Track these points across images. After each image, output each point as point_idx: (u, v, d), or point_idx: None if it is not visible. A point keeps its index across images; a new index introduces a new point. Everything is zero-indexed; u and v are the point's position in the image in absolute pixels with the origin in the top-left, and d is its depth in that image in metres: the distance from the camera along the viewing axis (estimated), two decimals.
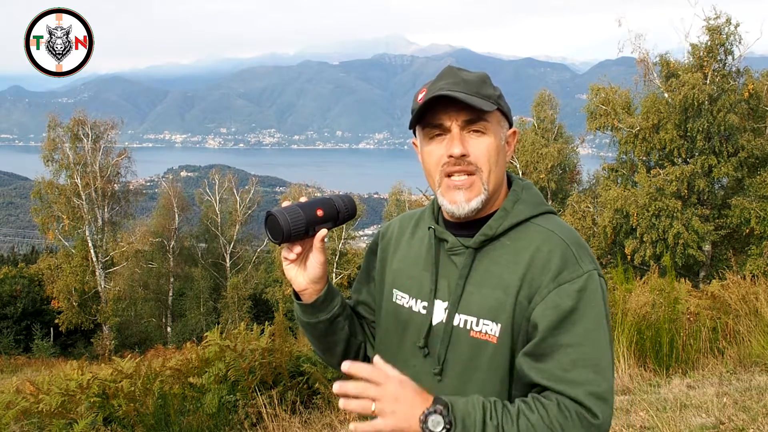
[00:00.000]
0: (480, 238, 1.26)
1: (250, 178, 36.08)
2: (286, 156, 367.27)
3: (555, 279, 1.18)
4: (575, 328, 1.15)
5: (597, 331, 1.16)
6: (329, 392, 4.34)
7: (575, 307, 1.16)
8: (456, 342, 1.25)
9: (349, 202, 1.35)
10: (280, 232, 1.24)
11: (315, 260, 1.32)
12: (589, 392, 1.12)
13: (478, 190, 1.24)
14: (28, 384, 5.00)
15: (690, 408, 3.95)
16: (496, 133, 1.26)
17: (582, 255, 1.21)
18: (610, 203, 19.12)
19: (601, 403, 1.12)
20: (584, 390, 1.12)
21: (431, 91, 1.23)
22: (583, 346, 1.15)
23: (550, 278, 1.18)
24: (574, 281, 1.17)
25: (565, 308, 1.16)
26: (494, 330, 1.21)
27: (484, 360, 1.22)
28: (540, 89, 29.67)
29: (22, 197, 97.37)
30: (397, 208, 30.64)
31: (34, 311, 26.21)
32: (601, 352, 1.15)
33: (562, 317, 1.16)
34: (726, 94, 18.48)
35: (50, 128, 26.71)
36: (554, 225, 1.26)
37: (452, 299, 1.26)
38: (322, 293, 1.36)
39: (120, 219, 28.18)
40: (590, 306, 1.17)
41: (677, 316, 5.12)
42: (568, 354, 1.14)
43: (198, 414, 4.03)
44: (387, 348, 1.38)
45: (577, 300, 1.16)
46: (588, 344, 1.15)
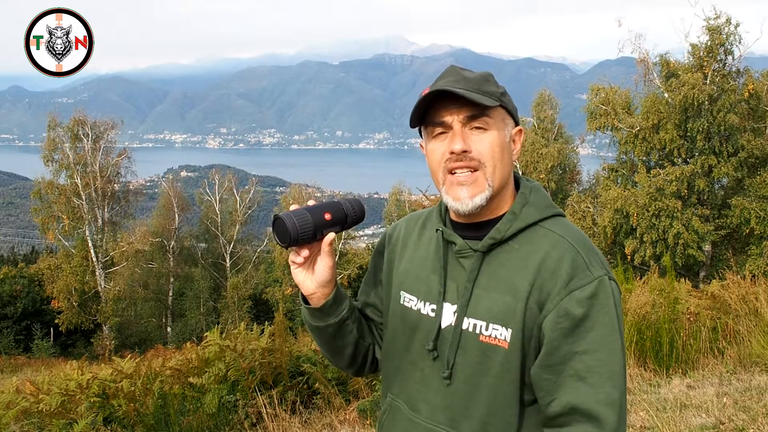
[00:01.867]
0: (488, 242, 1.25)
1: (250, 178, 36.01)
2: (286, 156, 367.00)
3: (566, 286, 1.17)
4: (589, 335, 1.15)
5: (610, 337, 1.16)
6: (329, 392, 4.34)
7: (587, 314, 1.15)
8: (465, 346, 1.24)
9: (357, 206, 1.35)
10: (287, 236, 1.23)
11: (323, 264, 1.31)
12: (603, 401, 1.13)
13: (482, 186, 1.23)
14: (28, 384, 5.00)
15: (690, 408, 3.95)
16: (500, 130, 1.25)
17: (592, 260, 1.20)
18: (610, 203, 19.11)
19: (615, 410, 1.13)
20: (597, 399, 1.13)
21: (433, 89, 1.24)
22: (598, 352, 1.15)
23: (561, 285, 1.17)
24: (584, 288, 1.17)
25: (578, 316, 1.15)
26: (505, 335, 1.20)
27: (495, 365, 1.21)
28: (540, 89, 29.64)
29: (22, 197, 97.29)
30: (397, 208, 30.61)
31: (34, 311, 26.18)
32: (615, 358, 1.15)
33: (574, 325, 1.15)
34: (726, 94, 18.46)
35: (50, 128, 26.68)
36: (563, 229, 1.25)
37: (461, 303, 1.25)
38: (330, 297, 1.35)
39: (120, 219, 28.15)
40: (602, 312, 1.16)
41: (677, 316, 5.12)
42: (584, 361, 1.14)
43: (198, 414, 4.03)
44: (395, 350, 1.37)
45: (589, 307, 1.16)
46: (602, 350, 1.15)
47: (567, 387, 1.15)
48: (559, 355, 1.16)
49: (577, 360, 1.15)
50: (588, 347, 1.15)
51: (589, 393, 1.14)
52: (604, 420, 1.13)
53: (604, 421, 1.13)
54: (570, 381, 1.15)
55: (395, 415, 1.36)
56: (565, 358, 1.16)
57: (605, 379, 1.14)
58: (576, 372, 1.15)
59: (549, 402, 1.18)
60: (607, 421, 1.12)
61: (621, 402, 1.14)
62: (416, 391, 1.31)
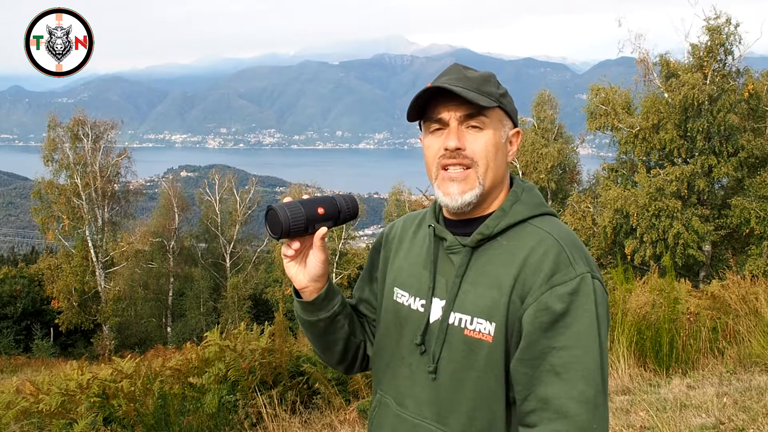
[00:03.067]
0: (476, 237, 1.26)
1: (250, 178, 36.01)
2: (286, 156, 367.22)
3: (548, 281, 1.18)
4: (567, 331, 1.15)
5: (588, 335, 1.15)
6: (329, 392, 4.34)
7: (567, 310, 1.16)
8: (451, 340, 1.25)
9: (351, 203, 1.35)
10: (279, 227, 1.24)
11: (315, 258, 1.32)
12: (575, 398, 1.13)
13: (473, 183, 1.25)
14: (28, 384, 5.00)
15: (690, 408, 3.95)
16: (496, 130, 1.27)
17: (576, 257, 1.21)
18: (610, 203, 19.12)
19: (587, 407, 1.13)
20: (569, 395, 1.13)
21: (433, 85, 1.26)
22: (575, 348, 1.15)
23: (542, 280, 1.18)
24: (566, 284, 1.17)
25: (557, 311, 1.16)
26: (489, 329, 1.21)
27: (480, 359, 1.22)
28: (540, 89, 29.63)
29: (22, 197, 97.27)
30: (397, 208, 30.61)
31: (34, 311, 26.19)
32: (591, 356, 1.15)
33: (554, 320, 1.16)
34: (726, 94, 18.46)
35: (50, 128, 26.69)
36: (551, 226, 1.26)
37: (449, 297, 1.26)
38: (322, 291, 1.36)
39: (120, 219, 28.15)
40: (582, 309, 1.16)
41: (677, 316, 5.12)
42: (561, 357, 1.14)
43: (198, 414, 4.03)
44: (385, 345, 1.39)
45: (569, 303, 1.16)
46: (579, 347, 1.15)
47: (542, 382, 1.15)
48: (537, 349, 1.16)
49: (554, 355, 1.15)
50: (566, 343, 1.15)
51: (563, 389, 1.13)
52: (573, 416, 1.12)
53: (573, 418, 1.12)
54: (546, 376, 1.15)
55: (383, 411, 1.37)
56: (543, 352, 1.16)
57: (579, 376, 1.13)
58: (552, 367, 1.15)
59: (525, 396, 1.18)
60: (577, 418, 1.12)
61: (596, 400, 1.13)
62: (404, 387, 1.32)
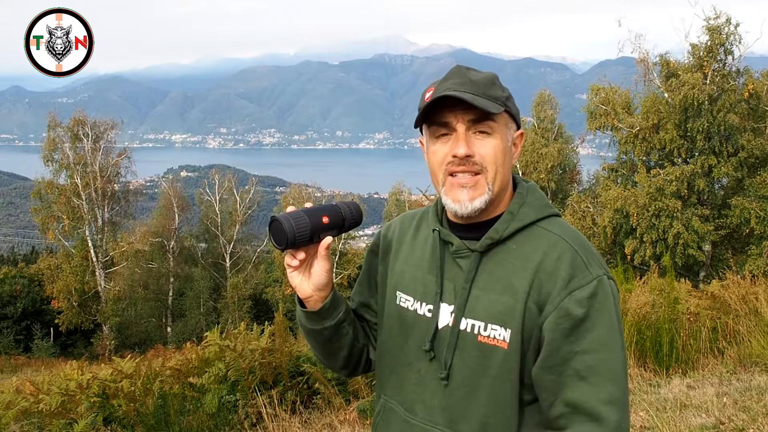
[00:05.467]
0: (486, 242, 1.25)
1: (250, 178, 36.02)
2: (286, 156, 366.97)
3: (566, 287, 1.17)
4: (589, 335, 1.16)
5: (611, 336, 1.16)
6: (329, 392, 4.34)
7: (588, 314, 1.16)
8: (463, 346, 1.23)
9: (355, 210, 1.34)
10: (284, 238, 1.22)
11: (320, 267, 1.30)
12: (605, 400, 1.13)
13: (483, 189, 1.23)
14: (28, 384, 5.00)
15: (690, 408, 3.95)
16: (503, 135, 1.25)
17: (590, 260, 1.21)
18: (610, 203, 19.11)
19: (617, 408, 1.14)
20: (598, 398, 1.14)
21: (438, 91, 1.22)
22: (599, 351, 1.15)
23: (561, 286, 1.18)
24: (584, 287, 1.17)
25: (578, 316, 1.16)
26: (504, 335, 1.20)
27: (494, 365, 1.21)
28: (540, 89, 29.66)
29: (22, 197, 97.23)
30: (397, 208, 30.62)
31: (34, 311, 26.19)
32: (616, 357, 1.16)
33: (575, 325, 1.16)
34: (726, 94, 18.45)
35: (50, 128, 26.71)
36: (560, 229, 1.26)
37: (458, 303, 1.24)
38: (327, 300, 1.34)
39: (120, 219, 28.17)
40: (602, 311, 1.17)
41: (677, 316, 5.11)
42: (585, 361, 1.15)
43: (198, 414, 4.03)
44: (390, 350, 1.37)
45: (589, 307, 1.16)
46: (603, 350, 1.15)
47: (569, 387, 1.15)
48: (560, 355, 1.16)
49: (578, 360, 1.15)
50: (589, 347, 1.15)
51: (591, 392, 1.14)
52: (606, 419, 1.13)
53: (606, 420, 1.13)
54: (571, 381, 1.15)
55: (389, 417, 1.35)
56: (566, 358, 1.16)
57: (606, 378, 1.14)
58: (577, 372, 1.15)
59: (552, 402, 1.18)
60: (609, 420, 1.13)
61: (623, 401, 1.15)
62: (412, 392, 1.30)
